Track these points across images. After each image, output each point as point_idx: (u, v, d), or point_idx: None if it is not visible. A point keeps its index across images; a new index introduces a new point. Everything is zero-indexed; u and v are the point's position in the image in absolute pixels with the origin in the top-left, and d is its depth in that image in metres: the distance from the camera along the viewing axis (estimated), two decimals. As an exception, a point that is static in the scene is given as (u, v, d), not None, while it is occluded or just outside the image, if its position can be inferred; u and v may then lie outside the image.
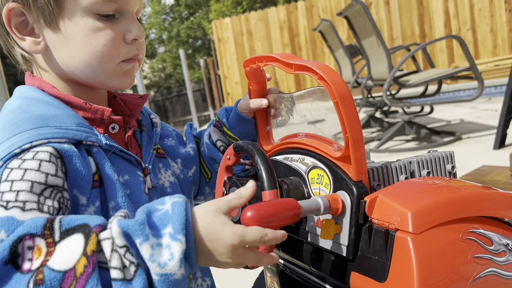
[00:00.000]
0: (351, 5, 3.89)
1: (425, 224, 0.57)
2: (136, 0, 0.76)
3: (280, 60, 0.74)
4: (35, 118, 0.68)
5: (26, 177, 0.61)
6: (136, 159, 0.78)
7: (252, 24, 10.02)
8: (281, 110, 0.91)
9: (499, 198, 0.64)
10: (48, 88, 0.75)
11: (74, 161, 0.67)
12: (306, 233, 0.74)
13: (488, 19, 8.83)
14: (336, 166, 0.68)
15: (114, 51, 0.74)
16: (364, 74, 5.38)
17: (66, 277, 0.51)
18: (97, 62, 0.74)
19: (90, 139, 0.71)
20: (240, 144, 0.76)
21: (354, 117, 0.64)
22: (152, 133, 0.88)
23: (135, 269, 0.53)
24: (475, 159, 2.80)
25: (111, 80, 0.77)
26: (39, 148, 0.64)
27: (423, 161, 0.72)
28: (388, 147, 3.87)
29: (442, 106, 5.96)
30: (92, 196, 0.69)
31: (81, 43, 0.72)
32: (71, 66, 0.75)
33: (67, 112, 0.72)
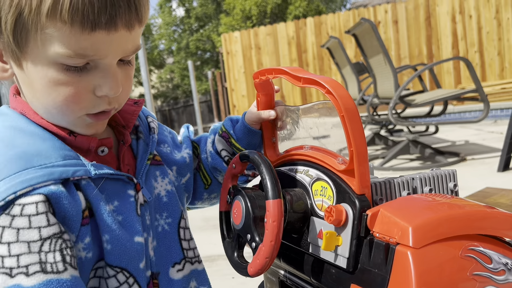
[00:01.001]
0: (360, 24, 3.93)
1: (426, 239, 0.58)
2: (117, 50, 0.65)
3: (289, 73, 0.75)
4: (18, 158, 0.64)
5: (21, 238, 0.60)
6: (127, 176, 0.74)
7: (261, 39, 10.11)
8: (288, 122, 0.92)
9: (500, 217, 0.65)
10: (30, 115, 0.70)
11: (62, 203, 0.64)
12: (308, 244, 0.75)
13: (496, 42, 8.87)
14: (340, 179, 0.69)
15: (76, 106, 0.67)
16: (370, 92, 5.41)
17: None
18: (57, 112, 0.68)
19: (78, 173, 0.67)
20: (246, 153, 0.78)
21: (360, 132, 0.65)
22: (149, 139, 0.83)
23: None
24: (479, 181, 2.80)
25: (74, 128, 0.71)
26: (24, 200, 0.61)
27: (425, 178, 0.73)
28: (392, 166, 3.87)
29: (447, 127, 5.97)
30: (81, 233, 0.67)
31: (41, 90, 0.66)
32: (34, 106, 0.70)
33: (52, 143, 0.68)
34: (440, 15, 9.12)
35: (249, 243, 0.73)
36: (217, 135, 0.97)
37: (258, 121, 0.93)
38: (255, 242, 0.71)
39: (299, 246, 0.76)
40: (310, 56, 9.86)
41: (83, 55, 0.62)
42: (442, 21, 9.13)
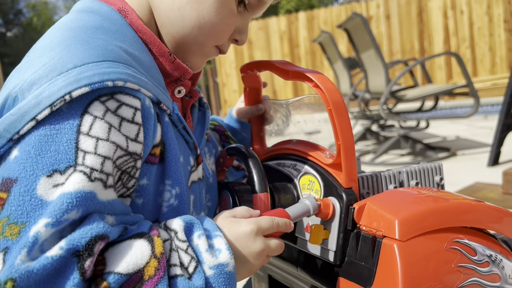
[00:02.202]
0: (351, 18, 3.93)
1: (412, 232, 0.59)
2: (262, 10, 0.72)
3: (277, 67, 0.75)
4: (126, 53, 0.56)
5: (112, 138, 0.50)
6: (194, 142, 0.69)
7: (253, 33, 10.08)
8: (275, 116, 0.92)
9: (485, 210, 0.65)
10: (133, 17, 0.63)
11: (148, 126, 0.56)
12: (295, 238, 0.75)
13: (487, 38, 8.92)
14: (327, 172, 0.70)
15: (225, 35, 0.68)
16: (362, 87, 5.42)
17: (130, 280, 0.46)
18: (207, 32, 0.65)
19: (166, 103, 0.61)
20: (233, 147, 0.78)
21: (347, 125, 0.65)
22: (203, 113, 0.80)
23: (195, 265, 0.51)
24: (469, 176, 2.82)
25: (196, 55, 0.70)
26: (123, 98, 0.52)
27: (412, 171, 0.74)
28: (383, 161, 3.89)
29: (438, 122, 6.00)
30: (140, 171, 0.57)
31: (210, 6, 0.63)
32: (180, 15, 0.64)
33: (150, 60, 0.62)
34: (432, 10, 9.15)
35: None
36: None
37: (246, 115, 0.93)
38: None
39: (286, 240, 0.77)
40: (302, 51, 9.86)
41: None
42: (434, 17, 9.16)
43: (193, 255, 0.52)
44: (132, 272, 0.46)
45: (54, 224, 0.44)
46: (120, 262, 0.46)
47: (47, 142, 0.47)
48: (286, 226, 0.62)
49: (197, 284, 0.50)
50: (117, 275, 0.45)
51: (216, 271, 0.51)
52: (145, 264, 0.47)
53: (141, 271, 0.47)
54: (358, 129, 5.52)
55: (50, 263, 0.42)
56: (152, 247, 0.49)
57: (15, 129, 0.48)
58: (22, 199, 0.45)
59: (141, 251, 0.48)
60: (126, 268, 0.46)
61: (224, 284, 0.51)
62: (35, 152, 0.47)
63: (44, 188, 0.46)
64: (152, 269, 0.47)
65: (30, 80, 0.51)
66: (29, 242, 0.42)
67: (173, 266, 0.50)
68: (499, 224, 0.66)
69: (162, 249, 0.49)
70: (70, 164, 0.47)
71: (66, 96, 0.48)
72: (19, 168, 0.46)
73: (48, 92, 0.48)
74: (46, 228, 0.43)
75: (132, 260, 0.47)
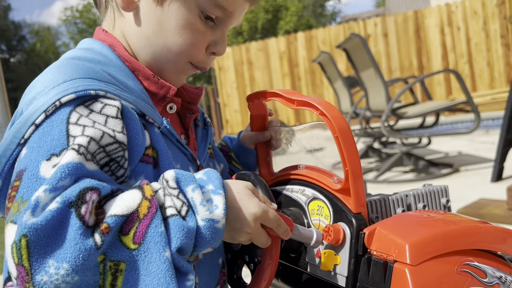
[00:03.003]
0: (350, 39, 3.98)
1: (422, 256, 0.59)
2: (238, 17, 0.77)
3: (283, 96, 0.77)
4: (111, 76, 0.67)
5: (97, 126, 0.59)
6: (191, 154, 0.76)
7: (253, 54, 10.19)
8: (282, 142, 0.94)
9: (492, 232, 0.66)
10: (120, 50, 0.74)
11: (134, 125, 0.64)
12: (306, 263, 0.75)
13: (485, 53, 9.00)
14: (336, 198, 0.71)
15: (195, 53, 0.74)
16: (362, 105, 5.45)
17: (129, 220, 0.53)
18: (175, 52, 0.73)
19: (153, 117, 0.69)
20: (242, 174, 0.79)
21: (354, 151, 0.66)
22: (206, 131, 0.87)
23: (186, 209, 0.56)
24: (473, 192, 2.82)
25: (171, 74, 0.76)
26: (106, 100, 0.62)
27: (419, 194, 0.75)
28: (386, 178, 3.89)
29: (440, 138, 6.01)
30: (138, 168, 0.66)
31: (173, 30, 0.72)
32: (150, 43, 0.74)
33: (135, 83, 0.71)
34: (429, 27, 9.26)
35: (247, 264, 0.74)
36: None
37: (252, 141, 0.94)
38: (253, 263, 0.72)
39: (297, 266, 0.77)
40: (301, 70, 9.94)
41: (224, 8, 0.73)
42: (431, 33, 9.26)
43: (184, 200, 0.57)
44: (127, 213, 0.53)
45: (51, 190, 0.52)
46: (116, 207, 0.54)
47: (44, 136, 0.58)
48: (284, 231, 0.65)
49: (190, 224, 0.56)
50: (114, 216, 0.52)
51: (206, 224, 0.56)
52: (138, 205, 0.54)
53: (135, 212, 0.54)
54: (360, 146, 5.53)
55: (51, 215, 0.49)
56: (142, 192, 0.56)
57: (21, 135, 0.60)
58: (30, 181, 0.55)
59: (133, 196, 0.55)
60: (121, 210, 0.53)
61: (210, 237, 0.57)
62: (37, 145, 0.58)
63: (45, 169, 0.55)
64: (145, 208, 0.54)
65: (31, 97, 0.63)
66: (32, 205, 0.50)
67: (168, 207, 0.56)
68: (507, 245, 0.67)
69: (152, 192, 0.56)
70: (64, 147, 0.57)
71: (56, 102, 0.59)
72: (26, 160, 0.57)
73: (42, 101, 0.60)
74: (45, 193, 0.51)
75: (126, 203, 0.54)
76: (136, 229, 0.53)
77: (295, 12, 22.42)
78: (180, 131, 0.81)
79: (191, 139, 0.82)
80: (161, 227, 0.54)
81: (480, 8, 8.98)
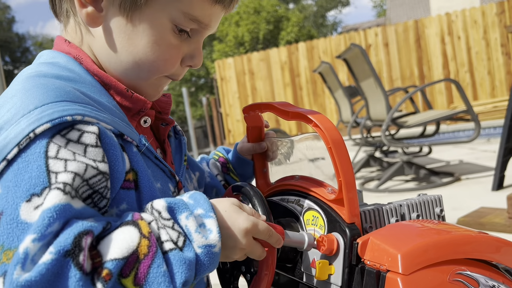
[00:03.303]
0: (350, 49, 4.01)
1: (415, 265, 0.60)
2: (213, 27, 0.73)
3: (277, 108, 0.78)
4: (78, 94, 0.61)
5: (79, 159, 0.54)
6: (169, 170, 0.72)
7: (254, 64, 10.24)
8: (278, 153, 0.95)
9: (486, 241, 0.67)
10: (87, 63, 0.68)
11: (113, 151, 0.60)
12: (301, 273, 0.76)
13: (485, 62, 9.03)
14: (330, 208, 0.72)
15: (169, 68, 0.71)
16: (363, 114, 5.46)
17: (129, 262, 0.51)
18: (147, 69, 0.69)
19: (132, 136, 0.65)
20: (238, 185, 0.80)
21: (347, 162, 0.67)
22: (180, 141, 0.84)
23: (183, 239, 0.55)
24: (474, 200, 2.82)
25: (145, 89, 0.72)
26: (85, 127, 0.57)
27: (413, 204, 0.76)
28: (388, 187, 3.89)
29: (441, 147, 6.01)
30: (118, 196, 0.62)
31: (144, 45, 0.67)
32: (118, 59, 0.68)
33: (108, 99, 0.66)
34: (430, 36, 9.30)
35: (243, 275, 0.75)
36: (211, 160, 0.99)
37: (249, 152, 0.95)
38: (250, 274, 0.73)
39: (293, 276, 0.78)
40: (303, 80, 9.98)
41: (199, 21, 0.68)
42: (431, 43, 9.30)
43: (180, 231, 0.56)
44: (127, 255, 0.51)
45: (40, 238, 0.48)
46: (114, 249, 0.51)
47: (20, 173, 0.52)
48: (276, 240, 0.65)
49: (189, 255, 0.54)
50: (115, 261, 0.50)
51: (204, 250, 0.55)
52: (137, 245, 0.52)
53: (135, 252, 0.51)
54: (361, 155, 5.54)
55: (46, 268, 0.46)
56: (139, 229, 0.53)
57: None
58: (10, 227, 0.50)
59: (130, 235, 0.52)
60: (121, 252, 0.50)
61: (208, 262, 0.56)
62: (13, 184, 0.52)
63: (27, 212, 0.50)
64: (145, 247, 0.52)
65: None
66: (21, 258, 0.46)
67: (165, 242, 0.54)
68: (500, 254, 0.67)
69: (148, 228, 0.54)
70: (45, 185, 0.51)
71: (30, 134, 0.53)
72: (2, 202, 0.51)
73: (14, 133, 0.54)
74: (34, 243, 0.47)
75: (124, 245, 0.51)
76: (137, 271, 0.51)
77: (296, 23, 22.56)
78: (155, 145, 0.78)
79: (168, 152, 0.79)
80: (163, 266, 0.52)
81: (480, 17, 9.02)
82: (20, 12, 77.26)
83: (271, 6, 22.76)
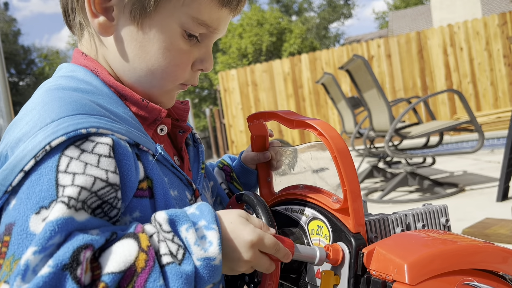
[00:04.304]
0: (352, 60, 4.02)
1: (421, 276, 0.59)
2: (222, 31, 0.74)
3: (282, 117, 0.78)
4: (100, 106, 0.63)
5: (88, 172, 0.56)
6: (187, 178, 0.73)
7: (257, 76, 10.28)
8: (282, 162, 0.95)
9: (492, 251, 0.66)
10: (104, 75, 0.70)
11: (126, 161, 0.61)
12: (306, 284, 0.75)
13: (488, 73, 9.03)
14: (335, 217, 0.71)
15: (180, 74, 0.72)
16: (366, 125, 5.46)
17: (126, 276, 0.51)
18: (161, 76, 0.71)
19: (148, 145, 0.66)
20: (242, 194, 0.79)
21: (352, 171, 0.67)
22: (197, 149, 0.84)
23: (183, 252, 0.55)
24: (478, 211, 2.80)
25: (159, 97, 0.74)
26: (100, 139, 0.58)
27: (418, 214, 0.75)
28: (391, 198, 3.87)
29: (445, 157, 5.99)
30: (132, 204, 0.63)
31: (156, 52, 0.69)
32: (132, 67, 0.70)
33: (125, 110, 0.68)
34: (432, 48, 9.32)
35: (247, 285, 0.74)
36: (216, 168, 0.99)
37: (253, 161, 0.95)
38: (254, 284, 0.72)
39: (297, 286, 0.77)
40: (306, 91, 10.00)
41: (207, 25, 0.70)
42: (434, 54, 9.32)
43: (179, 243, 0.56)
44: (124, 268, 0.51)
45: (41, 251, 0.49)
46: (112, 263, 0.51)
47: (33, 186, 0.54)
48: (284, 255, 0.63)
49: (187, 269, 0.54)
50: (112, 274, 0.50)
51: (203, 263, 0.55)
52: (135, 259, 0.52)
53: (132, 266, 0.52)
54: (364, 166, 5.52)
55: (43, 281, 0.47)
56: (138, 242, 0.54)
57: (8, 182, 0.56)
58: (20, 237, 0.52)
59: (128, 249, 0.53)
60: (118, 266, 0.51)
61: (208, 275, 0.55)
62: (25, 196, 0.54)
63: (35, 224, 0.52)
64: (142, 261, 0.52)
65: (17, 138, 0.59)
66: (21, 270, 0.48)
67: (163, 255, 0.54)
68: (507, 264, 0.66)
69: (148, 242, 0.54)
70: (53, 198, 0.53)
71: (46, 147, 0.55)
72: (15, 213, 0.54)
73: (31, 145, 0.56)
74: (34, 255, 0.48)
75: (122, 258, 0.52)
76: (134, 284, 0.51)
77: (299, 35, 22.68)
78: (172, 152, 0.79)
79: (185, 159, 0.80)
80: (159, 280, 0.52)
81: (482, 28, 9.05)
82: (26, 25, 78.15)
83: (274, 18, 22.92)
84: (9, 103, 3.51)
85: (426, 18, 21.71)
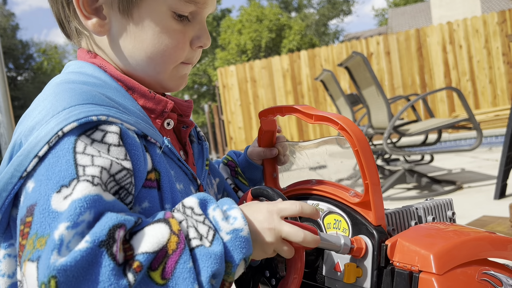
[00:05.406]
0: (352, 57, 4.02)
1: (447, 265, 0.61)
2: (211, 5, 0.76)
3: (301, 111, 0.78)
4: (109, 99, 0.65)
5: (104, 155, 0.58)
6: (191, 173, 0.75)
7: (256, 72, 10.27)
8: (289, 157, 0.95)
9: (502, 241, 0.68)
10: (111, 70, 0.73)
11: (135, 151, 0.63)
12: (323, 278, 0.76)
13: (487, 71, 9.06)
14: (355, 211, 0.72)
15: (180, 54, 0.74)
16: (365, 122, 5.48)
17: (158, 256, 0.53)
18: (161, 61, 0.73)
19: (155, 137, 0.68)
20: (258, 188, 0.78)
21: (373, 164, 0.68)
22: (202, 146, 0.87)
23: (213, 233, 0.57)
24: (476, 209, 2.82)
25: (168, 81, 0.76)
26: (109, 128, 0.61)
27: (428, 207, 0.77)
28: (389, 195, 3.89)
29: (443, 155, 6.02)
30: (140, 195, 0.64)
31: (151, 38, 0.71)
32: (133, 59, 0.73)
33: (132, 103, 0.70)
34: (431, 45, 9.34)
35: (268, 280, 0.74)
36: (221, 164, 1.00)
37: (259, 157, 0.96)
38: (275, 278, 0.72)
39: (314, 281, 0.78)
40: (305, 88, 10.00)
41: (195, 1, 0.71)
42: (433, 51, 9.34)
43: (210, 225, 0.58)
44: (157, 249, 0.53)
45: (73, 226, 0.51)
46: (146, 244, 0.53)
47: (51, 167, 0.56)
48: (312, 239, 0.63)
49: (216, 250, 0.56)
50: (146, 254, 0.52)
51: (232, 236, 0.57)
52: (167, 241, 0.54)
53: (165, 247, 0.54)
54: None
55: (81, 255, 0.48)
56: (169, 226, 0.56)
57: (23, 167, 0.58)
58: (43, 216, 0.53)
59: (161, 231, 0.55)
60: (152, 247, 0.53)
61: (240, 247, 0.57)
62: (45, 178, 0.56)
63: (57, 202, 0.53)
64: (173, 243, 0.54)
65: (30, 127, 0.61)
66: (57, 244, 0.49)
67: (192, 239, 0.56)
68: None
69: (178, 226, 0.56)
70: (73, 177, 0.55)
71: (59, 132, 0.57)
72: (36, 194, 0.55)
73: (44, 132, 0.58)
74: (68, 230, 0.50)
75: (155, 240, 0.54)
76: (165, 265, 0.53)
77: (298, 31, 22.65)
78: (178, 147, 0.80)
79: (189, 154, 0.82)
80: (189, 262, 0.54)
81: (481, 26, 9.07)
82: (24, 19, 77.68)
83: (274, 14, 22.86)
84: (7, 98, 3.50)
85: (425, 15, 21.72)
